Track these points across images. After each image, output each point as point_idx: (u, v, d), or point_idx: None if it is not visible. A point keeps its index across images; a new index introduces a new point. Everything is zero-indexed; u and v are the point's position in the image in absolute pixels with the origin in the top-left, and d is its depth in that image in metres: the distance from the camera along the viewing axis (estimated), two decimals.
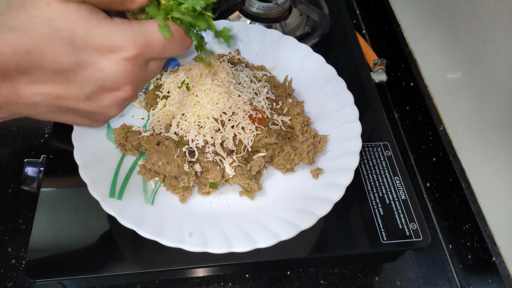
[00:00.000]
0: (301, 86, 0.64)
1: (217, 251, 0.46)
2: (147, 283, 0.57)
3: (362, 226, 0.54)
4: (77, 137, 0.53)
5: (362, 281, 0.59)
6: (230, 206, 0.52)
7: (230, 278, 0.58)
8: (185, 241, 0.46)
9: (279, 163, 0.55)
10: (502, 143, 0.56)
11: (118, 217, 0.47)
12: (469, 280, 0.59)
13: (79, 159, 0.51)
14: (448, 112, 0.68)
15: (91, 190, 0.49)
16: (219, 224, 0.49)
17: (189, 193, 0.52)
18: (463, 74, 0.64)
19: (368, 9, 0.94)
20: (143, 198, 0.51)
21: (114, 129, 0.54)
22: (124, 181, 0.52)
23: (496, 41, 0.56)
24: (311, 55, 0.65)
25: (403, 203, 0.56)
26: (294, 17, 0.78)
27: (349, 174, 0.52)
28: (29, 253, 0.49)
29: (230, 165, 0.53)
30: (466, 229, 0.60)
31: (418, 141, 0.73)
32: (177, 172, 0.51)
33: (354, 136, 0.55)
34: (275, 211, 0.51)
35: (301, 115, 0.59)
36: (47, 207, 0.52)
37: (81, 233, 0.51)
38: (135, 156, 0.55)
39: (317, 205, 0.50)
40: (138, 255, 0.50)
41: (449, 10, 0.66)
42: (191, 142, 0.52)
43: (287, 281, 0.58)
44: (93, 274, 0.48)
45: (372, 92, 0.69)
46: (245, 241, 0.46)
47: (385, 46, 0.85)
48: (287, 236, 0.47)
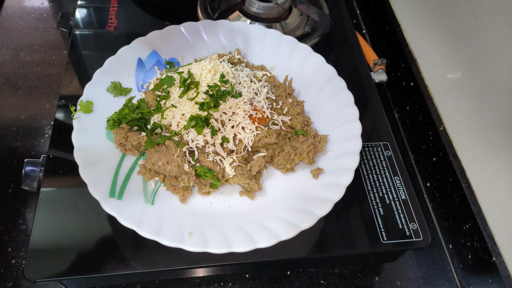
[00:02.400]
0: (301, 86, 0.64)
1: (217, 251, 0.46)
2: (147, 283, 0.57)
3: (362, 226, 0.54)
4: (77, 137, 0.53)
5: (362, 281, 0.59)
6: (230, 206, 0.52)
7: (230, 278, 0.58)
8: (185, 241, 0.46)
9: (279, 163, 0.55)
10: (502, 143, 0.56)
11: (118, 217, 0.47)
12: (469, 280, 0.59)
13: (79, 159, 0.51)
14: (448, 112, 0.67)
15: (91, 190, 0.49)
16: (219, 224, 0.49)
17: (189, 193, 0.52)
18: (463, 74, 0.64)
19: (368, 9, 0.94)
20: (143, 198, 0.51)
21: (114, 129, 0.54)
22: (124, 181, 0.52)
23: (496, 41, 0.56)
24: (311, 55, 0.65)
25: (403, 203, 0.56)
26: (294, 17, 0.78)
27: (349, 174, 0.52)
28: (29, 253, 0.49)
29: (230, 165, 0.53)
30: (466, 229, 0.60)
31: (418, 141, 0.73)
32: (177, 172, 0.51)
33: (354, 136, 0.55)
34: (275, 211, 0.51)
35: (301, 115, 0.59)
36: (47, 207, 0.52)
37: (81, 233, 0.51)
38: (135, 156, 0.55)
39: (317, 205, 0.50)
40: (138, 255, 0.50)
41: (449, 10, 0.66)
42: (191, 142, 0.52)
43: (287, 281, 0.58)
44: (93, 274, 0.48)
45: (372, 92, 0.69)
46: (245, 241, 0.46)
47: (385, 46, 0.85)
48: (287, 236, 0.47)
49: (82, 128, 0.54)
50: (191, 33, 0.67)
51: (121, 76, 0.61)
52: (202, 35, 0.67)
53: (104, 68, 0.60)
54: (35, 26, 0.88)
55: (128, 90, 0.61)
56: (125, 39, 0.72)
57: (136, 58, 0.63)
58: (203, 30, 0.67)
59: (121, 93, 0.60)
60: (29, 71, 0.81)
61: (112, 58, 0.61)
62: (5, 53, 0.83)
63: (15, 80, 0.79)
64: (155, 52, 0.65)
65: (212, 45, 0.67)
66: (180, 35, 0.66)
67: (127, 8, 0.79)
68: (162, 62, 0.65)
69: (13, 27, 0.88)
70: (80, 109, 0.56)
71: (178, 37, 0.67)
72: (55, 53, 0.84)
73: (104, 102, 0.58)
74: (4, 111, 0.74)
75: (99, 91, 0.59)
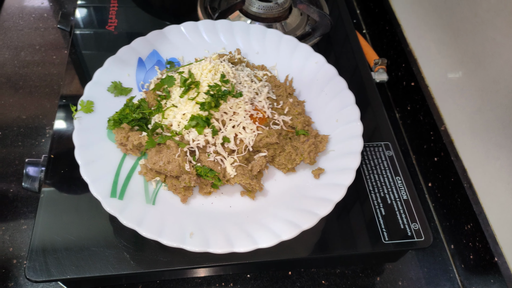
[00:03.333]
0: (302, 86, 0.64)
1: (219, 251, 0.46)
2: (149, 283, 0.57)
3: (363, 226, 0.54)
4: (78, 137, 0.53)
5: (364, 281, 0.59)
6: (232, 206, 0.52)
7: (232, 278, 0.58)
8: (186, 241, 0.46)
9: (280, 163, 0.55)
10: (504, 143, 0.55)
11: (119, 217, 0.47)
12: (471, 280, 0.59)
13: (80, 159, 0.51)
14: (449, 111, 0.67)
15: (92, 189, 0.48)
16: (220, 224, 0.49)
17: (190, 193, 0.52)
18: (464, 73, 0.64)
19: (368, 8, 0.94)
20: (144, 198, 0.51)
21: (116, 129, 0.54)
22: (125, 181, 0.52)
23: (497, 40, 0.56)
24: (311, 55, 0.65)
25: (405, 203, 0.56)
26: (294, 17, 0.78)
27: (351, 174, 0.52)
28: (31, 253, 0.48)
29: (231, 165, 0.53)
30: (468, 229, 0.60)
31: (419, 141, 0.73)
32: (178, 172, 0.51)
33: (356, 136, 0.55)
34: (276, 211, 0.51)
35: (302, 115, 0.58)
36: (48, 207, 0.52)
37: (82, 233, 0.51)
38: (136, 156, 0.55)
39: (318, 205, 0.49)
40: (139, 255, 0.50)
41: (450, 9, 0.66)
42: (192, 142, 0.52)
43: (288, 281, 0.58)
44: (94, 274, 0.48)
45: (373, 92, 0.69)
46: (247, 241, 0.46)
47: (386, 45, 0.85)
48: (289, 236, 0.47)
49: (83, 128, 0.54)
50: (192, 33, 0.67)
51: (122, 76, 0.61)
52: (203, 35, 0.67)
53: (104, 68, 0.60)
54: (36, 26, 0.88)
55: (129, 89, 0.61)
56: (125, 39, 0.72)
57: (136, 57, 0.63)
58: (203, 30, 0.67)
59: (122, 93, 0.60)
60: (29, 70, 0.80)
61: (112, 57, 0.61)
62: (5, 52, 0.83)
63: (15, 80, 0.79)
64: (156, 52, 0.65)
65: (212, 44, 0.67)
66: (181, 34, 0.66)
67: (127, 8, 0.79)
68: (163, 62, 0.65)
69: (13, 27, 0.88)
70: (80, 109, 0.56)
71: (179, 37, 0.67)
72: (55, 53, 0.84)
73: (105, 101, 0.58)
74: (5, 111, 0.74)
75: (100, 91, 0.59)
